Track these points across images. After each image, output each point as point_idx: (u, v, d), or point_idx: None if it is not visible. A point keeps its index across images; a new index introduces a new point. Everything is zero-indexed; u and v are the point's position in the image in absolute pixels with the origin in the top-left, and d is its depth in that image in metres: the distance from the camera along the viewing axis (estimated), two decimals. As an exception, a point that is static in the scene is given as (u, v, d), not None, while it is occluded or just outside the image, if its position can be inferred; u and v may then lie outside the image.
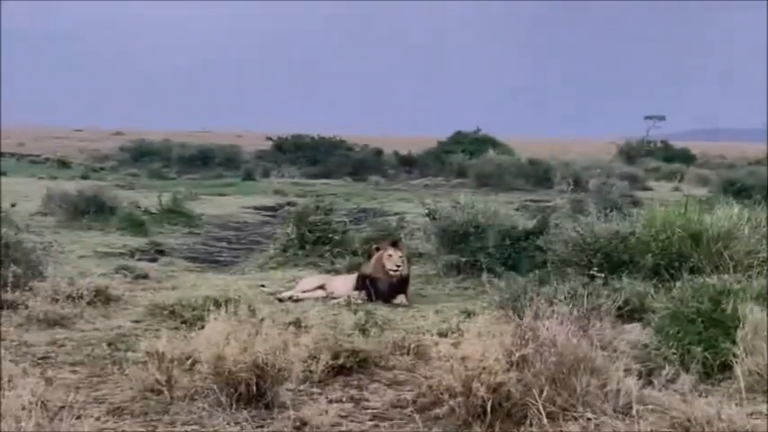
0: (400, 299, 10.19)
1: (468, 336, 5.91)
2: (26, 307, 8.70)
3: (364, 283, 10.33)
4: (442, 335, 7.35)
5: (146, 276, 11.55)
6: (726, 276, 7.57)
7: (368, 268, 10.52)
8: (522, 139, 68.68)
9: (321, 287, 10.52)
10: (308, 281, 10.78)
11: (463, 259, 11.64)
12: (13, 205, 18.60)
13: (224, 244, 16.63)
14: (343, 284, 10.54)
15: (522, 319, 5.98)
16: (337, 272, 11.82)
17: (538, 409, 5.33)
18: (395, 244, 10.65)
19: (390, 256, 10.32)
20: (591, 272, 8.74)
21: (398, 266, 10.27)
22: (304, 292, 10.38)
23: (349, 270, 11.74)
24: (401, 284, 10.34)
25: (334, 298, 10.13)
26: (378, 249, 10.56)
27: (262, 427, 5.66)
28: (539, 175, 34.29)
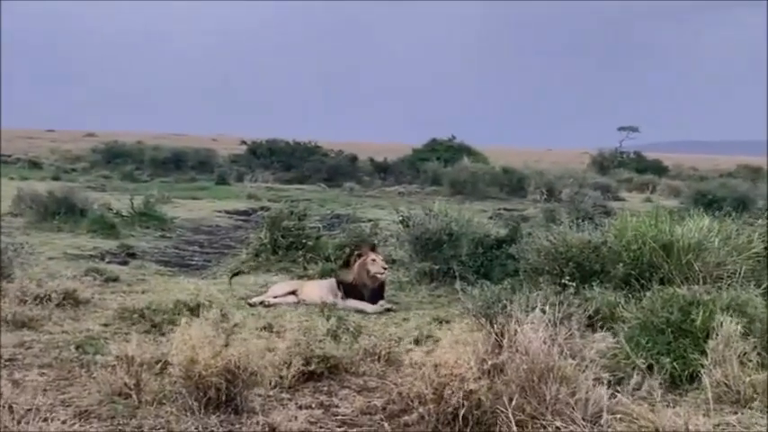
0: (382, 304, 10.20)
1: (442, 343, 5.92)
2: (-6, 308, 8.61)
3: (347, 291, 10.35)
4: (416, 342, 7.38)
5: (116, 279, 11.46)
6: (696, 287, 7.64)
7: (349, 275, 10.52)
8: (496, 149, 69.00)
9: (293, 293, 10.49)
10: (280, 286, 10.76)
11: (436, 267, 11.66)
12: (-18, 205, 18.42)
13: (196, 248, 16.53)
14: (316, 290, 10.52)
15: (494, 327, 6.00)
16: (309, 277, 11.79)
17: (507, 417, 5.34)
18: (374, 248, 10.77)
19: (374, 260, 10.41)
20: (563, 281, 8.76)
21: (384, 269, 10.37)
22: (275, 297, 10.34)
23: (321, 276, 11.73)
24: (381, 289, 10.39)
25: (307, 304, 10.12)
26: (360, 256, 10.58)
27: (231, 432, 5.64)
28: (512, 184, 34.42)
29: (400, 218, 13.04)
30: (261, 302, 10.17)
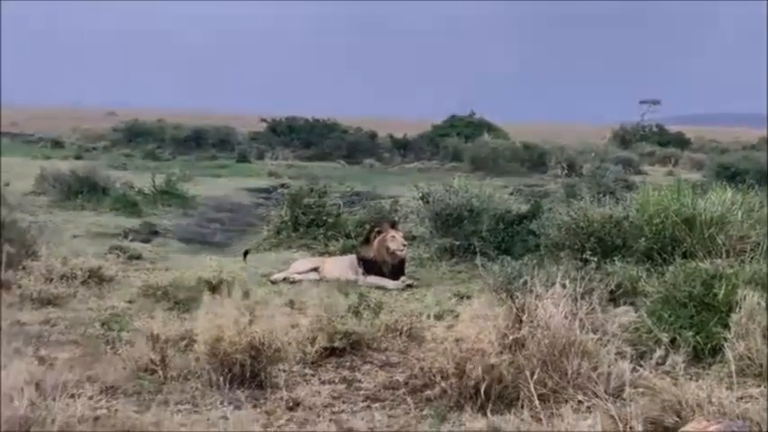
0: (403, 280, 10.24)
1: (463, 318, 5.94)
2: (19, 286, 8.71)
3: (368, 267, 10.39)
4: (437, 317, 7.40)
5: (139, 257, 11.56)
6: (718, 261, 7.60)
7: (369, 252, 10.53)
8: (516, 124, 68.67)
9: (315, 269, 10.54)
10: (302, 263, 10.81)
11: (457, 243, 11.68)
12: (6, 185, 18.57)
13: (218, 225, 16.62)
14: (337, 267, 10.57)
15: (515, 302, 6.01)
16: (331, 254, 11.84)
17: (529, 391, 5.36)
18: (394, 225, 10.78)
19: (394, 237, 10.43)
20: (584, 256, 8.76)
21: (404, 245, 10.39)
22: (298, 274, 10.40)
23: (343, 252, 11.77)
24: (401, 265, 10.43)
25: (328, 281, 10.17)
26: (379, 233, 10.59)
27: (255, 407, 5.69)
28: (533, 159, 34.32)
29: (420, 194, 13.04)
30: (284, 279, 10.23)
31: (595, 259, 8.55)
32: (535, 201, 13.53)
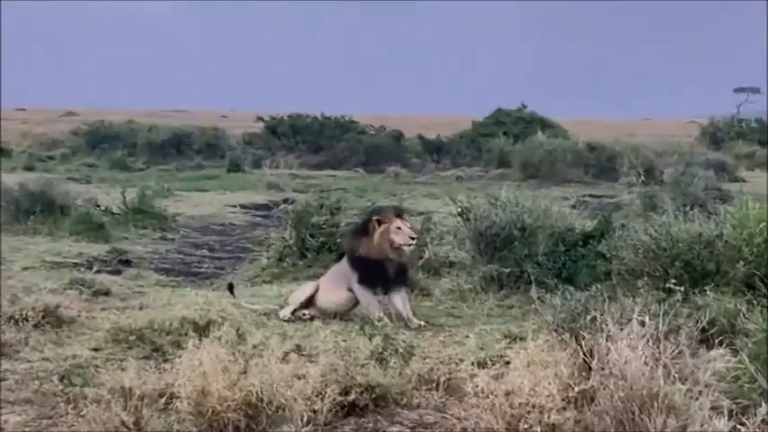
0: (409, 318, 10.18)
1: (514, 365, 5.92)
2: (-42, 332, 8.75)
3: (366, 269, 10.30)
4: (482, 364, 7.38)
5: (107, 293, 11.59)
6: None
7: (367, 248, 10.32)
8: (578, 120, 68.64)
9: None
10: (302, 290, 10.72)
11: (506, 270, 11.64)
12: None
13: (205, 252, 16.67)
14: (329, 286, 10.51)
15: (581, 345, 5.99)
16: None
17: (601, 458, 5.33)
18: (399, 214, 10.55)
19: (400, 228, 10.24)
20: (667, 285, 8.70)
21: (413, 238, 10.27)
22: (303, 306, 10.41)
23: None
24: (404, 272, 10.36)
25: (323, 314, 10.25)
26: (380, 223, 10.31)
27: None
28: (600, 163, 34.27)
29: (459, 209, 13.03)
30: (293, 313, 10.25)
31: (682, 289, 8.48)
32: (604, 216, 13.48)
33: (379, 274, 10.23)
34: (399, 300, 10.16)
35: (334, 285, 10.50)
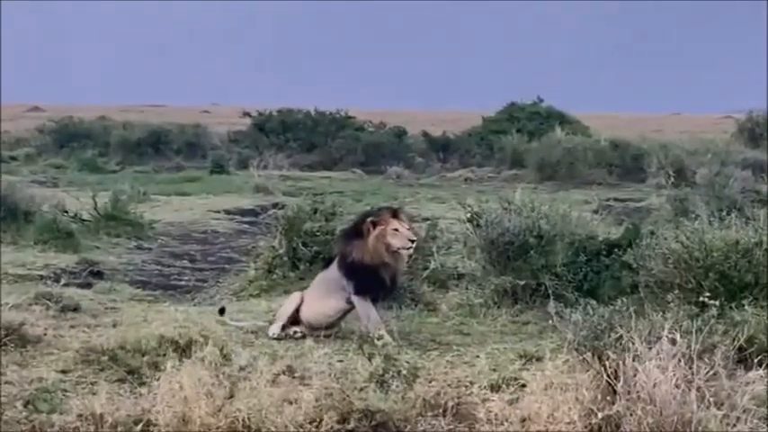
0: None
1: (531, 388, 5.93)
2: None
3: (359, 274, 10.27)
4: (494, 388, 7.38)
5: (76, 309, 11.59)
6: None
7: (362, 252, 10.31)
8: (599, 115, 68.73)
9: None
10: (290, 301, 10.72)
11: (520, 282, 11.64)
12: None
13: (185, 263, 16.68)
14: (315, 295, 10.53)
15: (605, 366, 5.99)
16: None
17: (628, 492, 5.33)
18: (396, 214, 10.49)
19: (396, 230, 10.23)
20: (701, 298, 8.71)
21: (412, 241, 10.25)
22: (291, 319, 10.44)
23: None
24: (393, 280, 10.37)
25: (312, 330, 10.25)
26: (374, 224, 10.30)
27: None
28: (626, 163, 34.27)
29: (468, 215, 13.03)
30: (283, 328, 10.26)
31: (717, 303, 8.49)
32: (630, 222, 13.49)
33: (376, 281, 10.25)
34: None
35: (321, 294, 10.51)
